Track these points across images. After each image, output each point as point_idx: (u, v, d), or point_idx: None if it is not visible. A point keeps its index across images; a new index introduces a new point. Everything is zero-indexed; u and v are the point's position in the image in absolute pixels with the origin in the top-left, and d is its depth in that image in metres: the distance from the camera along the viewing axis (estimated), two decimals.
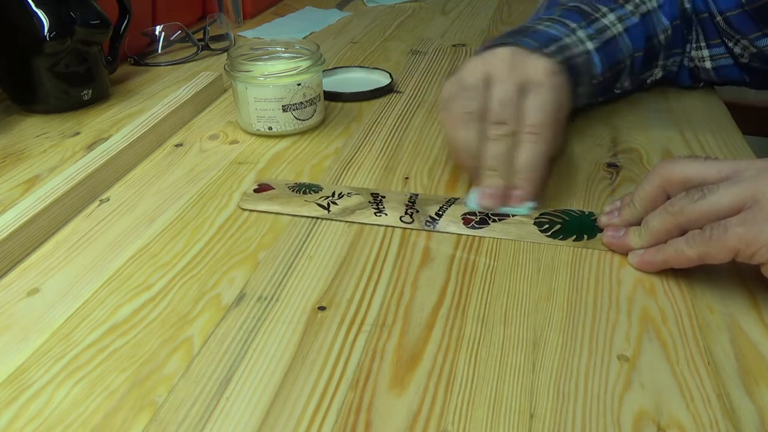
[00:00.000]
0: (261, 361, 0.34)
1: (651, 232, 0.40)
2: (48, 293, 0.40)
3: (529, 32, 0.55)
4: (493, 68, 0.48)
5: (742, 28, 0.61)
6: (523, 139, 0.46)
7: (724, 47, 0.64)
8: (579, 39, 0.57)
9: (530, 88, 0.47)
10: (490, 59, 0.49)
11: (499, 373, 0.33)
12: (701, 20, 0.64)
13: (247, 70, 0.59)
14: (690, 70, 0.67)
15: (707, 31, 0.64)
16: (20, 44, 0.63)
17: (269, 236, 0.45)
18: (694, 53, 0.65)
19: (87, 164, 0.51)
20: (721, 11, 0.61)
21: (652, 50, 0.63)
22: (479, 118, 0.46)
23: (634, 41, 0.60)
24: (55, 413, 0.32)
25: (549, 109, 0.46)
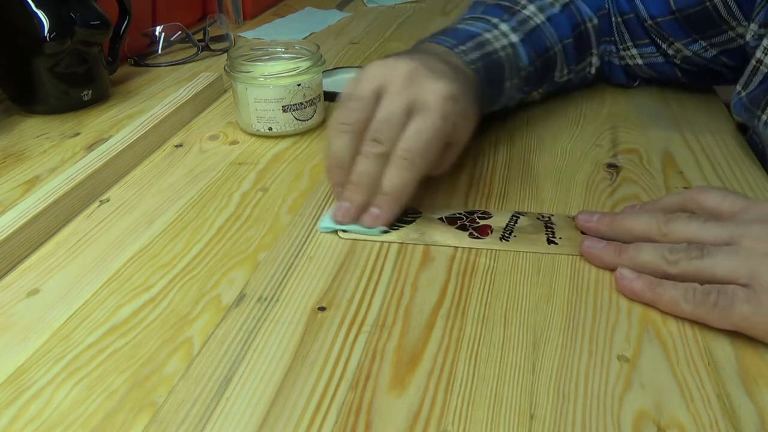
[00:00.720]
0: (261, 362, 0.34)
1: (636, 262, 0.39)
2: (48, 294, 0.40)
3: (449, 31, 0.56)
4: (388, 81, 0.45)
5: (674, 34, 0.62)
6: (394, 162, 0.43)
7: (654, 47, 0.65)
8: (502, 33, 0.57)
9: (418, 111, 0.44)
10: (390, 70, 0.45)
11: (499, 373, 0.33)
12: (626, 21, 0.64)
13: (247, 71, 0.59)
14: (624, 68, 0.68)
15: (634, 32, 0.65)
16: (20, 44, 0.63)
17: (269, 237, 0.45)
18: (623, 52, 0.66)
19: (87, 165, 0.51)
20: (652, 16, 0.62)
21: (581, 38, 0.63)
22: (358, 130, 0.44)
23: (559, 29, 0.61)
24: (55, 414, 0.32)
25: (428, 137, 0.43)
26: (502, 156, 0.56)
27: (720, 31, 0.59)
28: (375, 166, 0.44)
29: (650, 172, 0.52)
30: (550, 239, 0.44)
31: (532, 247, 0.43)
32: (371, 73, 0.46)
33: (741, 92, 0.55)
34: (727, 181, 0.50)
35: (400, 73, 0.45)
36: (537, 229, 0.45)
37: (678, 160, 0.54)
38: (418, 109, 0.44)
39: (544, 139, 0.59)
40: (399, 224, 0.46)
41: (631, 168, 0.53)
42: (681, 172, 0.52)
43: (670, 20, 0.61)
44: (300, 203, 0.49)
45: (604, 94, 0.68)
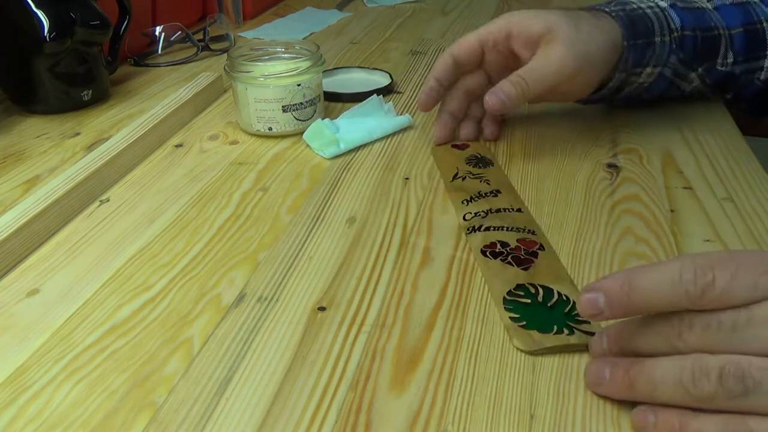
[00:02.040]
0: (261, 362, 0.34)
1: (654, 397, 0.29)
2: (48, 294, 0.40)
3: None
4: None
5: None
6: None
7: None
8: (645, 1, 0.57)
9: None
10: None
11: (499, 373, 0.33)
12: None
13: (247, 71, 0.59)
14: None
15: None
16: (20, 44, 0.63)
17: (269, 236, 0.45)
18: None
19: (87, 165, 0.51)
20: None
21: (755, 34, 0.58)
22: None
23: (727, 18, 0.58)
24: (54, 414, 0.32)
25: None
26: (502, 156, 0.56)
27: None
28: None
29: (650, 172, 0.52)
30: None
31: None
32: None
33: None
34: (727, 181, 0.50)
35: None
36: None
37: (678, 160, 0.54)
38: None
39: (544, 139, 0.59)
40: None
41: (631, 168, 0.53)
42: (681, 171, 0.52)
43: None
44: (300, 203, 0.50)
45: None
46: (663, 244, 0.43)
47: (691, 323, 0.28)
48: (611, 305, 0.29)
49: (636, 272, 0.29)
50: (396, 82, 0.74)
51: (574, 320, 0.36)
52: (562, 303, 0.38)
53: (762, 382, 0.26)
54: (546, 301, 0.38)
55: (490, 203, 0.48)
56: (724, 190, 0.49)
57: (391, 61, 0.82)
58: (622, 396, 0.31)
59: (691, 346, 0.28)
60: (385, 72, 0.74)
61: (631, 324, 0.31)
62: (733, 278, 0.27)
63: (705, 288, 0.27)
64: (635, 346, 0.31)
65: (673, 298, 0.28)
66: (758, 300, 0.26)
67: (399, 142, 0.59)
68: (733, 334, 0.27)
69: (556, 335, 0.35)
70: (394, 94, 0.71)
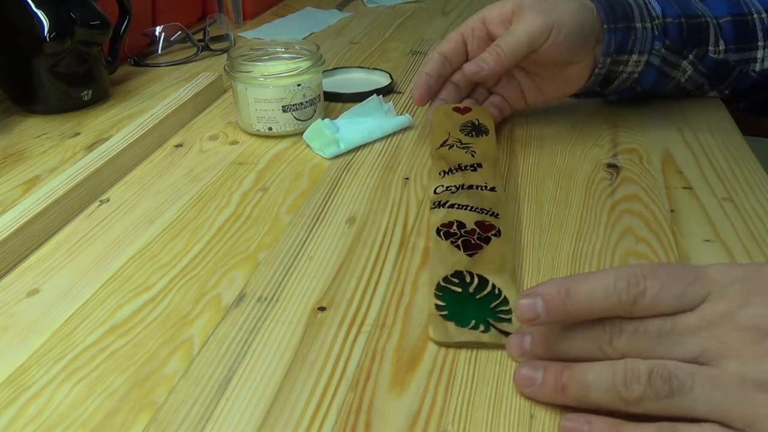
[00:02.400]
0: (261, 362, 0.34)
1: (585, 402, 0.29)
2: (48, 294, 0.40)
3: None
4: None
5: None
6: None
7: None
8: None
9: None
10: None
11: (499, 373, 0.33)
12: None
13: (247, 71, 0.59)
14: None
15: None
16: (20, 44, 0.63)
17: (269, 236, 0.45)
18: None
19: (87, 165, 0.51)
20: None
21: (744, 25, 0.59)
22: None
23: (712, 8, 0.59)
24: (54, 414, 0.32)
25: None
26: (501, 155, 0.56)
27: None
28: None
29: (650, 172, 0.52)
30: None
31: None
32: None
33: None
34: (727, 181, 0.50)
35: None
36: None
37: (678, 160, 0.54)
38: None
39: (544, 139, 0.59)
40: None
41: (631, 168, 0.53)
42: (681, 171, 0.52)
43: None
44: (300, 203, 0.50)
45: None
46: (663, 244, 0.43)
47: (621, 329, 0.29)
48: (548, 311, 0.30)
49: (573, 280, 0.30)
50: (396, 82, 0.74)
51: (495, 317, 0.36)
52: (491, 297, 0.37)
53: (686, 383, 0.27)
54: (477, 292, 0.38)
55: (465, 178, 0.47)
56: (724, 190, 0.49)
57: (391, 61, 0.82)
58: (553, 399, 0.31)
59: (620, 351, 0.29)
60: (385, 72, 0.75)
61: (558, 327, 0.32)
62: (663, 288, 0.28)
63: (637, 296, 0.28)
64: (564, 350, 0.31)
65: (607, 305, 0.29)
66: (685, 309, 0.28)
67: (399, 142, 0.59)
68: (659, 340, 0.28)
69: (470, 330, 0.35)
70: (394, 94, 0.71)
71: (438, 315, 0.36)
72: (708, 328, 0.28)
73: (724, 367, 0.27)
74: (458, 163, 0.49)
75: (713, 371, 0.27)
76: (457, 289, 0.38)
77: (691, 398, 0.27)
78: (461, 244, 0.41)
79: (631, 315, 0.29)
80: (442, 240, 0.41)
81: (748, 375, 0.26)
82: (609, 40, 0.55)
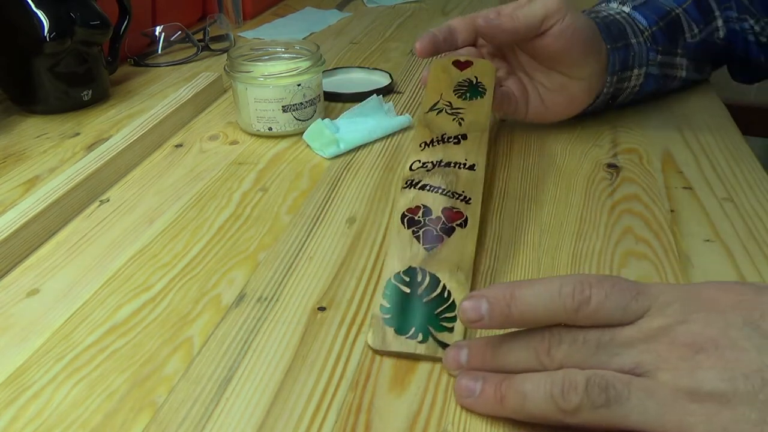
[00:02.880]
0: (261, 362, 0.34)
1: (524, 413, 0.29)
2: (48, 294, 0.40)
3: None
4: None
5: (763, 10, 0.62)
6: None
7: (747, 24, 0.64)
8: (613, 7, 0.60)
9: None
10: None
11: None
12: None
13: (247, 71, 0.59)
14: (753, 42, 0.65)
15: (738, 5, 0.64)
16: (20, 44, 0.63)
17: (269, 236, 0.45)
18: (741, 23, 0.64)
19: (87, 165, 0.51)
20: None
21: (700, 2, 0.62)
22: None
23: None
24: (54, 414, 0.32)
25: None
26: (501, 155, 0.56)
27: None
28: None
29: (650, 172, 0.52)
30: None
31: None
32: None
33: None
34: (727, 181, 0.50)
35: None
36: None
37: (678, 160, 0.54)
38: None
39: (544, 139, 0.59)
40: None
41: (631, 168, 0.53)
42: (681, 171, 0.52)
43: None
44: (300, 203, 0.50)
45: None
46: (663, 244, 0.43)
47: (560, 339, 0.29)
48: (492, 313, 0.30)
49: (519, 284, 0.30)
50: (396, 82, 0.74)
51: (437, 325, 0.35)
52: (439, 300, 0.36)
53: (622, 393, 0.27)
54: (425, 294, 0.37)
55: (445, 152, 0.45)
56: (724, 190, 0.49)
57: (391, 61, 0.82)
58: (492, 411, 0.31)
59: (558, 362, 0.29)
60: (385, 72, 0.74)
61: (496, 339, 0.32)
62: (607, 298, 0.28)
63: (581, 303, 0.28)
64: (501, 362, 0.31)
65: (552, 310, 0.29)
66: (625, 321, 0.29)
67: (399, 142, 0.59)
68: (598, 351, 0.29)
69: (407, 339, 0.34)
70: (394, 94, 0.71)
71: (380, 318, 0.35)
72: (646, 341, 0.28)
73: (659, 378, 0.27)
74: (442, 133, 0.46)
75: (649, 382, 0.27)
76: (405, 289, 0.37)
77: (627, 408, 0.27)
78: (422, 235, 0.39)
79: (574, 322, 0.29)
80: (404, 228, 0.40)
81: (681, 385, 0.27)
82: (614, 59, 0.55)
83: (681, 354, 0.27)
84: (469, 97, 0.50)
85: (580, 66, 0.54)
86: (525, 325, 0.31)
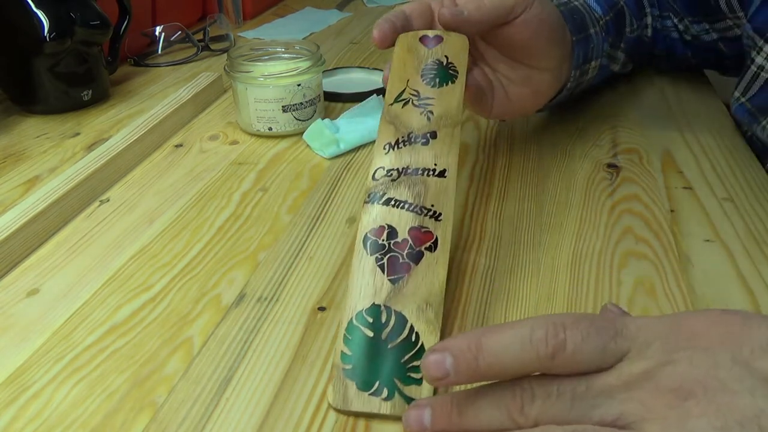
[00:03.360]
0: (261, 362, 0.34)
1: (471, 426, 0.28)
2: (48, 294, 0.40)
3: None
4: None
5: (684, 10, 0.63)
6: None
7: (670, 21, 0.66)
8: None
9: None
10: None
11: None
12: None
13: (247, 71, 0.59)
14: (676, 40, 0.67)
15: (659, 4, 0.66)
16: (20, 44, 0.63)
17: (269, 236, 0.45)
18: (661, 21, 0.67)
19: (87, 165, 0.51)
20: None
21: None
22: None
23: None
24: (54, 414, 0.32)
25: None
26: (501, 155, 0.56)
27: (718, 17, 0.60)
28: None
29: (650, 172, 0.52)
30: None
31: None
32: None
33: (740, 98, 0.54)
34: (727, 181, 0.50)
35: None
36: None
37: (678, 160, 0.54)
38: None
39: (544, 139, 0.59)
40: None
41: (631, 168, 0.53)
42: (681, 172, 0.52)
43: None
44: (300, 203, 0.50)
45: (604, 93, 0.68)
46: (663, 244, 0.43)
47: (533, 394, 0.27)
48: (458, 368, 0.27)
49: (486, 332, 0.27)
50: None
51: (405, 377, 0.31)
52: (406, 346, 0.32)
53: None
54: (390, 338, 0.32)
55: (412, 154, 0.39)
56: (724, 190, 0.49)
57: None
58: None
59: (534, 419, 0.26)
60: None
61: (462, 397, 0.28)
62: (584, 341, 0.26)
63: (556, 349, 0.26)
64: (469, 422, 0.28)
65: (524, 359, 0.26)
66: (603, 366, 0.26)
67: None
68: (574, 403, 0.26)
69: (370, 396, 0.31)
70: None
71: (341, 369, 0.32)
72: (627, 389, 0.25)
73: (646, 430, 0.24)
74: (408, 131, 0.40)
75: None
76: (368, 332, 0.32)
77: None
78: (386, 264, 0.35)
79: (549, 370, 0.26)
80: (366, 255, 0.35)
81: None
82: (578, 52, 0.54)
83: (668, 401, 0.24)
84: (438, 84, 0.43)
85: (546, 56, 0.50)
86: (496, 378, 0.28)
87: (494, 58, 0.50)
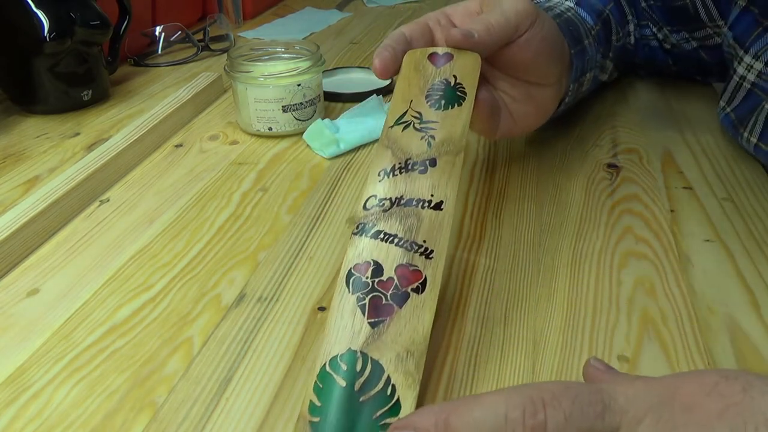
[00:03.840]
0: (261, 362, 0.34)
1: None
2: (48, 294, 0.40)
3: None
4: None
5: (662, 19, 0.64)
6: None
7: (649, 30, 0.66)
8: (560, 1, 0.59)
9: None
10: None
11: (499, 373, 0.33)
12: (628, 1, 0.66)
13: (247, 71, 0.59)
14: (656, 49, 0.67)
15: (638, 12, 0.66)
16: (20, 44, 0.63)
17: (269, 236, 0.45)
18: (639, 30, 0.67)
19: (87, 165, 0.51)
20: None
21: (619, 4, 0.64)
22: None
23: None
24: (55, 414, 0.32)
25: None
26: (501, 155, 0.56)
27: (698, 26, 0.61)
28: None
29: (650, 172, 0.52)
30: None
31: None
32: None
33: (726, 108, 0.54)
34: (727, 181, 0.50)
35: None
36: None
37: (678, 160, 0.54)
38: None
39: (544, 138, 0.59)
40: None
41: (631, 168, 0.53)
42: (681, 172, 0.52)
43: (659, 6, 0.63)
44: (300, 203, 0.50)
45: (604, 94, 0.68)
46: (663, 244, 0.43)
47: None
48: None
49: (455, 408, 0.24)
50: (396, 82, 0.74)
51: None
52: (380, 400, 0.29)
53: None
54: (363, 391, 0.29)
55: (408, 183, 0.36)
56: (724, 190, 0.49)
57: None
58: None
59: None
60: None
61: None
62: (567, 421, 0.23)
63: (534, 431, 0.23)
64: None
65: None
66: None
67: None
68: None
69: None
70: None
71: (308, 421, 0.29)
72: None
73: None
74: (406, 158, 0.37)
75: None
76: (341, 381, 0.29)
77: None
78: (368, 305, 0.31)
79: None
80: (348, 293, 0.32)
81: None
82: (576, 65, 0.53)
83: None
84: (444, 106, 0.39)
85: (547, 73, 0.49)
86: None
87: (494, 76, 0.49)
